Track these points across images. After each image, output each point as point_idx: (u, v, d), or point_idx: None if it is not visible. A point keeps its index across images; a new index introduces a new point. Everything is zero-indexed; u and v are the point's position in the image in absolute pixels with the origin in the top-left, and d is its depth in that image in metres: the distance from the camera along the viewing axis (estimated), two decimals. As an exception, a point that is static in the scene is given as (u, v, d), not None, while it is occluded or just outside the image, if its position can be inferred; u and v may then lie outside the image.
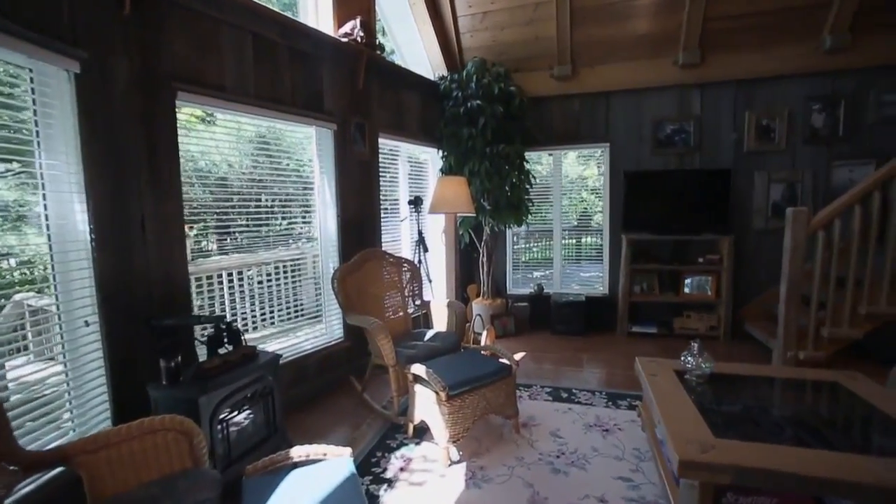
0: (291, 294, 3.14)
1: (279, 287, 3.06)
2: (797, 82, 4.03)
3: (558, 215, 4.84)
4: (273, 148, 3.08)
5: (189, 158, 2.55)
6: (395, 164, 4.15)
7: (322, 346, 3.27)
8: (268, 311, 2.99)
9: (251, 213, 2.89)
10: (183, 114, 2.46)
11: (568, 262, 4.95)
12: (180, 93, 2.22)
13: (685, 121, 4.29)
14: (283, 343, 3.02)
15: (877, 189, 3.15)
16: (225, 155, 2.79)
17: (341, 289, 2.91)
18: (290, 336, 3.13)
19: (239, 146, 2.85)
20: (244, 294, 2.83)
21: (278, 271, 3.06)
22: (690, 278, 4.29)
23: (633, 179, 4.32)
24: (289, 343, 3.06)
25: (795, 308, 3.30)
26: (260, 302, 2.94)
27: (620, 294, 4.35)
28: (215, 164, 2.77)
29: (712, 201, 4.15)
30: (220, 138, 2.73)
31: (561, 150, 4.75)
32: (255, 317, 2.91)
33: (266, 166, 2.99)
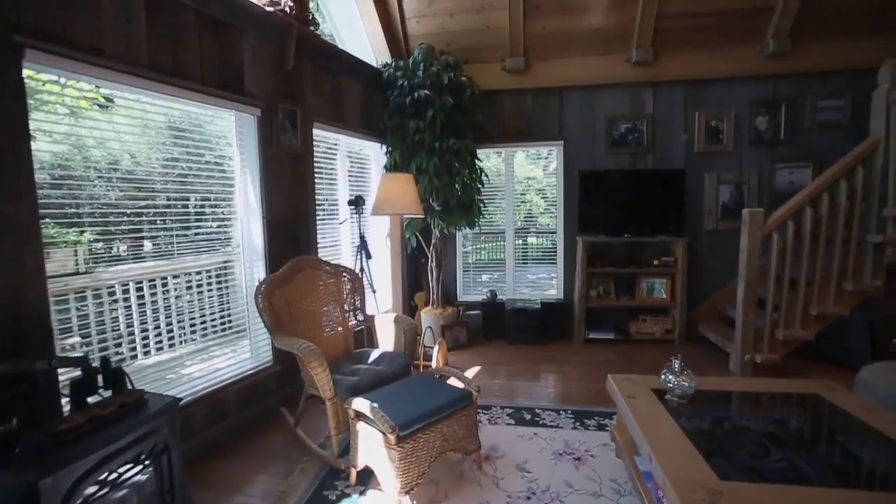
0: (201, 310, 2.58)
1: (196, 301, 2.51)
2: (742, 85, 4.06)
3: (510, 216, 4.59)
4: (190, 138, 2.52)
5: (79, 147, 1.98)
6: (334, 159, 3.68)
7: (247, 371, 2.74)
8: (177, 333, 2.42)
9: (166, 213, 2.33)
10: (74, 91, 1.90)
11: (520, 264, 4.71)
12: (29, 51, 1.64)
13: (638, 120, 4.19)
14: (198, 369, 2.47)
15: (825, 191, 3.15)
16: (127, 144, 2.21)
17: (267, 305, 2.41)
18: (209, 361, 2.58)
19: (147, 135, 2.28)
20: (156, 308, 2.26)
21: (192, 282, 2.50)
22: (646, 281, 4.20)
23: (588, 179, 4.16)
24: (204, 373, 2.51)
25: (752, 311, 3.24)
26: (167, 321, 2.37)
27: (577, 299, 4.16)
28: (115, 154, 2.18)
29: (666, 203, 4.07)
30: (119, 123, 2.15)
31: (513, 148, 4.50)
32: (160, 339, 2.34)
33: (182, 159, 2.43)
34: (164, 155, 2.39)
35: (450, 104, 3.69)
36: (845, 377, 3.22)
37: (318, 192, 3.37)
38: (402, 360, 2.48)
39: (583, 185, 4.16)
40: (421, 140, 3.67)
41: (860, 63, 3.85)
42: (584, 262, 4.07)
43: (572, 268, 4.38)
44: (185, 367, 2.47)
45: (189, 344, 2.53)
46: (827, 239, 3.18)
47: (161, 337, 2.37)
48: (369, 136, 3.92)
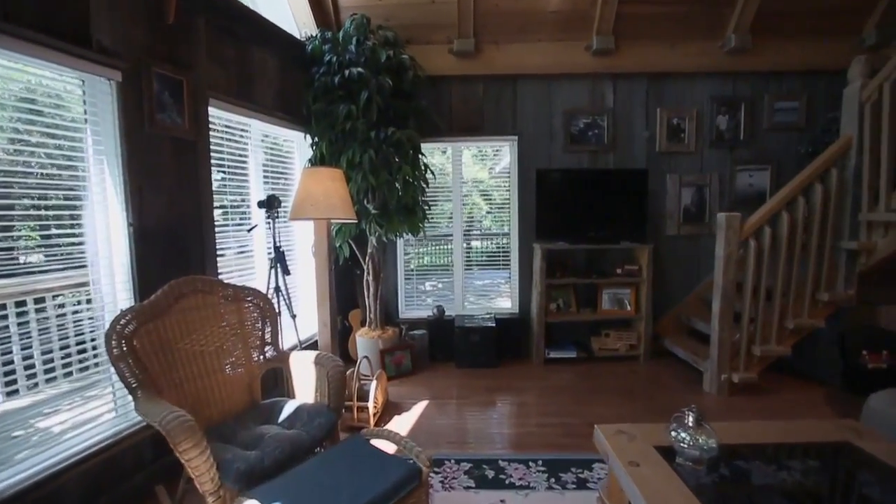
0: (45, 348, 1.76)
1: (28, 340, 1.68)
2: (703, 82, 3.82)
3: (458, 220, 4.05)
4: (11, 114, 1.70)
5: None
6: (244, 149, 2.92)
7: (106, 440, 1.94)
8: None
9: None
10: None
11: (468, 270, 4.17)
12: None
13: (598, 115, 3.82)
14: (32, 438, 1.64)
15: (800, 194, 2.90)
16: None
17: (126, 351, 1.66)
18: (48, 424, 1.76)
19: None
20: None
21: (29, 312, 1.68)
22: (609, 292, 3.82)
23: (546, 179, 3.71)
24: (37, 443, 1.69)
25: (729, 325, 2.93)
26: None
27: (535, 314, 3.69)
28: None
29: (629, 205, 3.72)
30: None
31: (462, 143, 3.96)
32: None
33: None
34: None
35: (388, 86, 3.07)
36: (820, 393, 3.04)
37: (219, 190, 2.62)
38: (324, 420, 1.82)
39: (540, 185, 3.70)
40: (353, 128, 3.01)
41: (815, 64, 3.74)
42: (542, 272, 3.62)
43: (528, 278, 3.92)
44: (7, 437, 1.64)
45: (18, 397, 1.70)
46: (801, 245, 2.94)
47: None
48: (289, 121, 3.19)
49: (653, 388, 3.20)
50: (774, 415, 2.74)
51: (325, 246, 2.72)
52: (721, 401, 2.95)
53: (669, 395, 3.05)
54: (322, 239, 2.71)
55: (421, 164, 3.34)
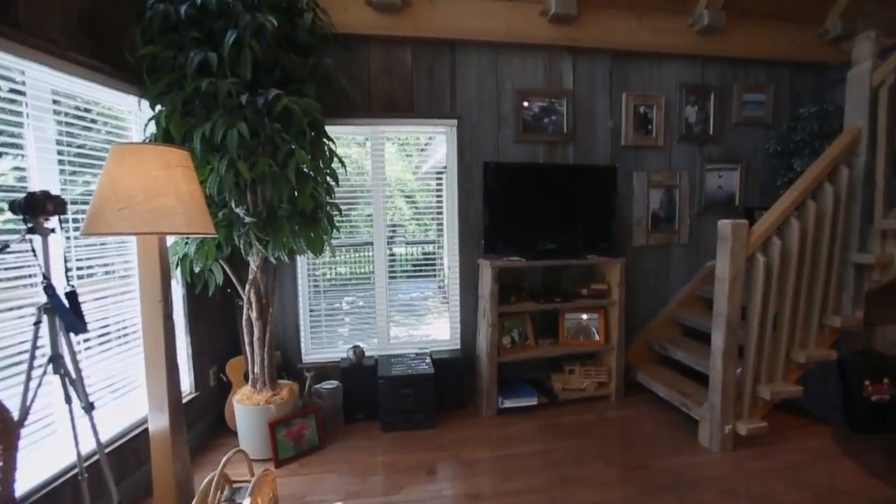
0: None
1: None
2: (670, 65, 3.24)
3: (380, 226, 3.06)
4: None
5: None
6: (17, 114, 1.67)
7: None
8: None
9: None
10: None
11: (395, 282, 3.20)
12: None
13: (556, 98, 3.07)
14: None
15: (809, 197, 2.35)
16: None
17: None
18: None
19: None
20: None
21: None
22: (572, 318, 3.08)
23: (496, 176, 2.87)
24: None
25: (734, 364, 2.28)
26: None
27: (485, 352, 2.82)
28: None
29: (596, 210, 3.01)
30: None
31: (386, 127, 2.98)
32: None
33: None
34: None
35: (271, 29, 2.00)
36: (830, 436, 2.45)
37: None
38: None
39: (489, 183, 2.85)
40: (212, 89, 1.90)
41: (780, 53, 3.34)
42: (494, 297, 2.76)
43: (473, 303, 3.05)
44: None
45: None
46: (811, 260, 2.40)
47: None
48: (106, 74, 1.99)
49: (637, 445, 2.48)
50: (802, 479, 2.12)
51: (153, 278, 1.60)
52: (727, 460, 2.30)
53: (662, 457, 2.34)
54: (150, 267, 1.59)
55: (325, 150, 2.30)
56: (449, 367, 2.88)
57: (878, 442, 2.47)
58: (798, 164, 3.18)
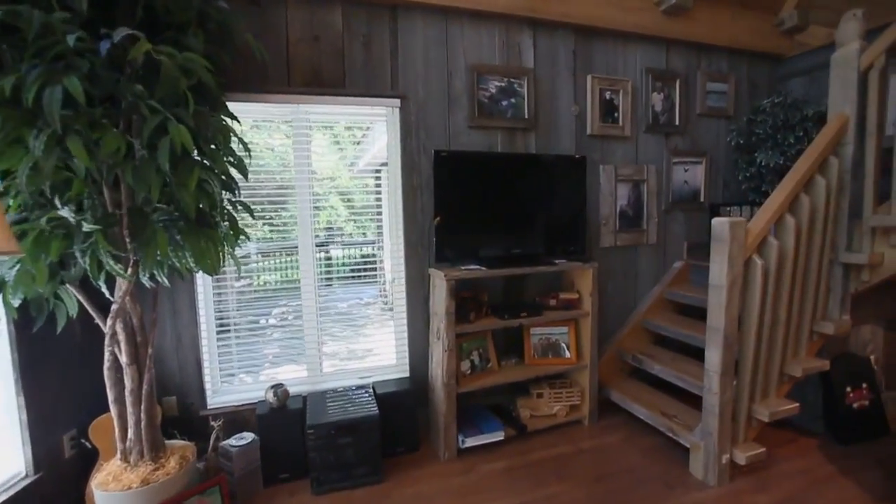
0: None
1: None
2: (636, 46, 2.94)
3: (308, 228, 2.46)
4: None
5: None
6: None
7: None
8: None
9: None
10: None
11: (329, 289, 2.61)
12: None
13: (516, 78, 2.63)
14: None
15: (802, 191, 2.09)
16: None
17: None
18: None
19: None
20: None
21: None
22: (539, 334, 2.66)
23: (450, 168, 2.37)
24: None
25: (731, 384, 1.97)
26: None
27: (440, 381, 2.32)
28: None
29: (564, 208, 2.62)
30: None
31: (310, 105, 2.37)
32: None
33: None
34: None
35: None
36: (822, 450, 2.22)
37: None
38: None
39: (441, 177, 2.35)
40: (16, 21, 1.22)
41: (740, 41, 3.16)
42: (450, 315, 2.27)
43: (423, 321, 2.55)
44: None
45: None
46: (804, 262, 2.15)
47: None
48: None
49: (624, 485, 2.10)
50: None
51: None
52: (728, 495, 1.98)
53: (655, 500, 1.98)
54: None
55: (224, 130, 1.67)
56: (397, 402, 2.34)
57: (866, 454, 2.29)
58: (762, 158, 3.01)
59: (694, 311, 2.97)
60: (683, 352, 2.80)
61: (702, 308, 2.85)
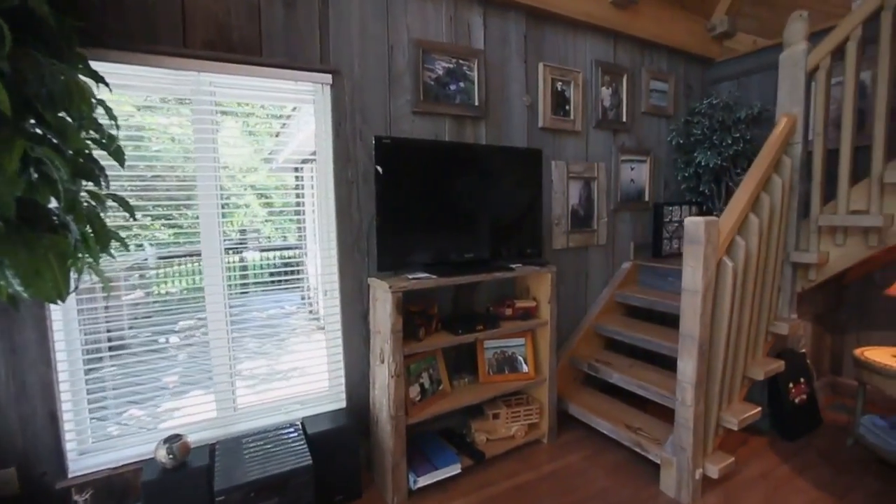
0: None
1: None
2: (585, 37, 2.79)
3: (214, 230, 1.94)
4: None
5: None
6: None
7: None
8: None
9: None
10: None
11: (243, 297, 2.11)
12: None
13: (465, 59, 2.33)
14: None
15: (763, 190, 2.04)
16: None
17: None
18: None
19: None
20: None
21: None
22: (494, 348, 2.39)
23: (395, 159, 2.00)
24: None
25: (703, 395, 1.85)
26: None
27: (387, 414, 1.94)
28: None
29: (520, 206, 2.36)
30: None
31: (216, 76, 1.86)
32: None
33: None
34: None
35: None
36: (777, 449, 2.17)
37: None
38: None
39: (383, 170, 1.97)
40: None
41: (679, 41, 3.17)
42: (396, 334, 1.90)
43: (360, 340, 2.16)
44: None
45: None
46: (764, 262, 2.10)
47: None
48: None
49: (596, 511, 1.90)
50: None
51: None
52: (700, 515, 1.86)
53: (632, 527, 1.80)
54: None
55: (78, 90, 1.15)
56: (333, 442, 1.92)
57: (810, 448, 2.33)
58: (701, 158, 3.03)
59: (642, 312, 2.91)
60: (633, 355, 2.71)
61: (650, 310, 2.81)
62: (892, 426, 2.19)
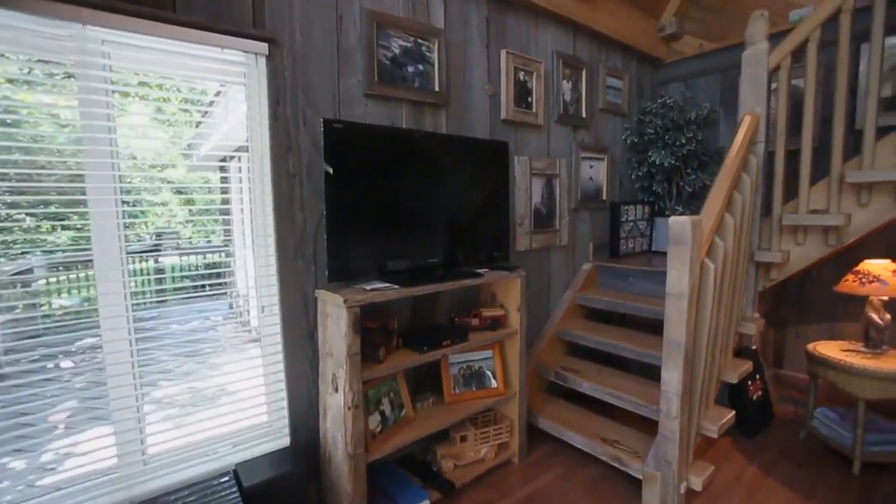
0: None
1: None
2: (547, 28, 2.64)
3: (111, 233, 1.50)
4: None
5: None
6: None
7: None
8: None
9: None
10: None
11: (158, 310, 1.70)
12: None
13: (424, 38, 2.06)
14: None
15: (735, 189, 1.99)
16: None
17: None
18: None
19: None
20: None
21: None
22: (460, 364, 2.15)
23: (348, 148, 1.68)
24: None
25: (689, 406, 1.75)
26: None
27: (343, 452, 1.63)
28: None
29: (487, 205, 2.14)
30: None
31: (110, 32, 1.42)
32: None
33: None
34: None
35: None
36: (739, 451, 2.17)
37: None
38: None
39: (334, 161, 1.64)
40: None
41: (632, 38, 3.14)
42: (353, 357, 1.60)
43: (308, 364, 1.82)
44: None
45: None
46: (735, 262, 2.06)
47: None
48: None
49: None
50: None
51: None
52: (686, 533, 1.75)
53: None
54: None
55: None
56: (277, 494, 1.57)
57: (769, 444, 2.35)
58: (656, 157, 3.02)
59: (602, 314, 2.83)
60: (595, 358, 2.62)
61: (610, 312, 2.73)
62: (842, 418, 2.27)
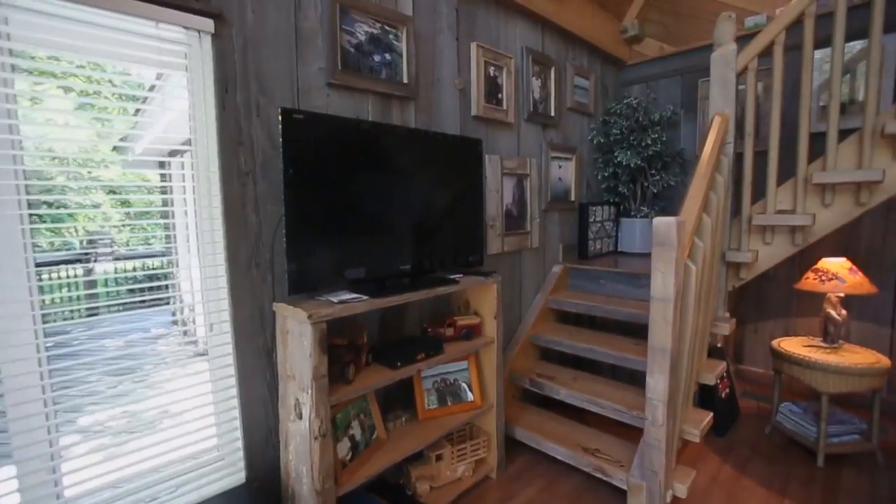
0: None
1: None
2: (516, 23, 2.55)
3: (13, 236, 1.23)
4: None
5: None
6: None
7: None
8: None
9: None
10: None
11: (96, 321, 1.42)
12: None
13: (392, 25, 1.90)
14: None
15: (711, 190, 1.98)
16: None
17: None
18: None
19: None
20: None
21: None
22: (432, 378, 2.00)
23: (310, 141, 1.49)
24: None
25: (673, 412, 1.70)
26: None
27: (308, 487, 1.44)
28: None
29: (460, 206, 2.00)
30: None
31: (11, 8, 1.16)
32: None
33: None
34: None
35: None
36: (714, 451, 2.15)
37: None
38: None
39: (293, 154, 1.45)
40: None
41: (597, 38, 3.12)
42: (320, 380, 1.41)
43: (265, 386, 1.61)
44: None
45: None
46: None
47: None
48: None
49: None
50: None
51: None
52: (672, 544, 1.70)
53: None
54: None
55: None
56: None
57: (738, 442, 2.38)
58: (623, 158, 3.01)
59: (572, 317, 2.78)
60: (566, 362, 2.57)
61: (581, 314, 2.69)
62: (805, 412, 2.33)
